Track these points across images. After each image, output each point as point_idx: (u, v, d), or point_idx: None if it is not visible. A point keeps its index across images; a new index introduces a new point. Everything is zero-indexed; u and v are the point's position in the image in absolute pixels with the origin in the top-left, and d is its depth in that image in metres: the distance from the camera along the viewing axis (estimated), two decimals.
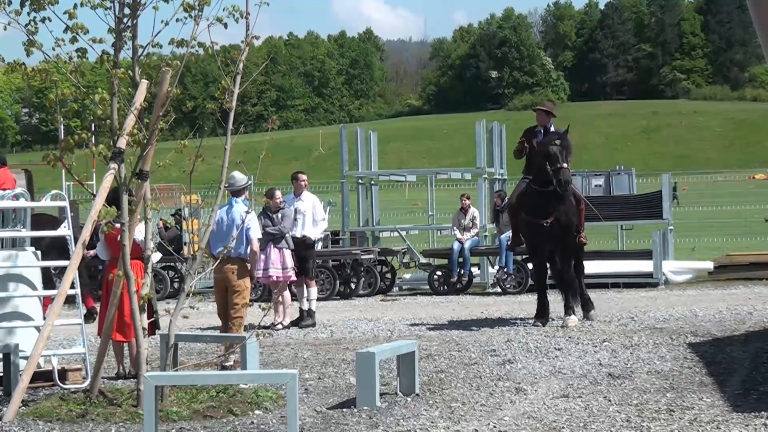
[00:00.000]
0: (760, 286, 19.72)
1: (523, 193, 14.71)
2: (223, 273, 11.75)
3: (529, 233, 14.69)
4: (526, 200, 14.55)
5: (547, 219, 14.31)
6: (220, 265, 11.60)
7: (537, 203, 14.36)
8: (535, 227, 14.42)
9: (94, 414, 8.94)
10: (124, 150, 9.29)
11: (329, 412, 9.07)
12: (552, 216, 14.31)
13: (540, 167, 14.24)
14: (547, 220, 14.31)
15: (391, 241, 24.66)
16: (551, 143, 14.24)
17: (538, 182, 14.36)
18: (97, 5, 9.13)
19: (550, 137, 14.44)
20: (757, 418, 8.18)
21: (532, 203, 14.40)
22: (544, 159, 14.15)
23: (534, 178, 14.46)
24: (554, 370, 10.88)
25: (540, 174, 14.28)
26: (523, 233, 14.88)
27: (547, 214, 14.31)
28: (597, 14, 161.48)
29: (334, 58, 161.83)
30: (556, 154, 14.13)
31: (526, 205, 14.50)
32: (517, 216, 14.82)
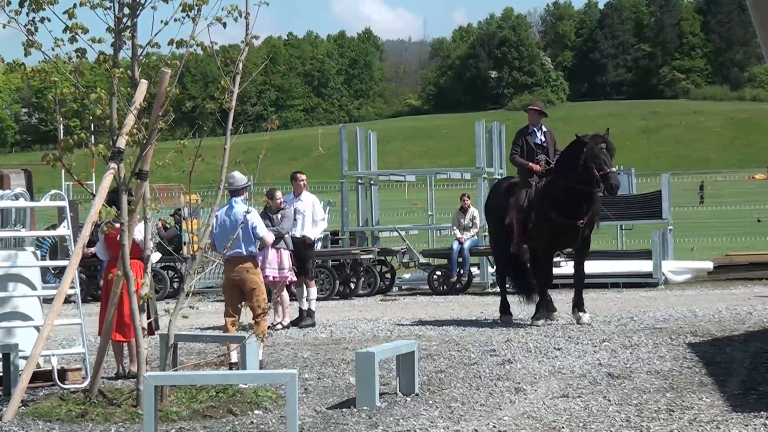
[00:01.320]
0: (760, 285, 19.72)
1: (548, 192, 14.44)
2: (236, 273, 11.76)
3: (555, 232, 14.39)
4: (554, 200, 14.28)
5: (582, 219, 14.23)
6: (232, 265, 11.64)
7: (572, 203, 14.18)
8: (566, 227, 14.26)
9: (94, 414, 8.93)
10: (123, 150, 9.29)
11: (329, 412, 9.06)
12: (586, 217, 14.27)
13: (585, 169, 13.99)
14: (582, 220, 14.24)
15: (391, 241, 24.67)
16: (598, 146, 14.05)
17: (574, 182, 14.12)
18: (97, 5, 9.13)
19: (596, 139, 14.19)
20: (756, 418, 8.18)
21: (566, 203, 14.19)
22: (591, 162, 13.95)
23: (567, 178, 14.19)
24: (554, 370, 10.88)
25: (581, 176, 14.05)
26: (544, 232, 14.46)
27: (581, 214, 14.23)
28: (596, 14, 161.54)
29: (333, 58, 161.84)
30: (604, 158, 14.00)
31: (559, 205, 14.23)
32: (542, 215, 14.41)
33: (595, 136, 14.31)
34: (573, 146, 14.42)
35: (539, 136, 15.00)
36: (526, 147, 14.89)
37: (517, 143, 14.96)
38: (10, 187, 11.99)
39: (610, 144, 14.25)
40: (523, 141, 14.92)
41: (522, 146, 14.90)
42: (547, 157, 14.80)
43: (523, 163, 14.81)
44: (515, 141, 15.05)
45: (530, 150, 14.87)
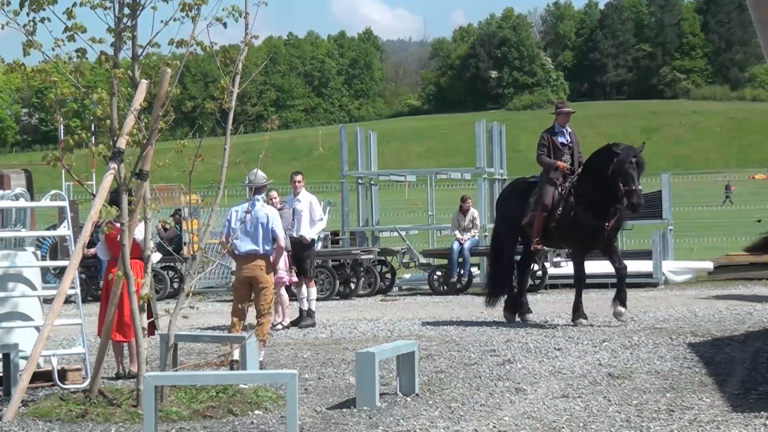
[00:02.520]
0: (760, 285, 19.72)
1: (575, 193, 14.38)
2: (250, 270, 11.75)
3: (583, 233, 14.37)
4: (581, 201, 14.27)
5: (608, 221, 14.18)
6: (247, 262, 11.63)
7: (599, 205, 14.16)
8: (592, 228, 14.22)
9: (94, 414, 8.94)
10: (123, 150, 9.29)
11: (329, 412, 9.07)
12: (612, 219, 14.23)
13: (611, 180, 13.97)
14: (608, 222, 14.19)
15: (391, 241, 24.67)
16: (628, 161, 13.95)
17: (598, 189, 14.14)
18: (97, 5, 9.14)
19: (628, 152, 14.07)
20: (756, 418, 8.18)
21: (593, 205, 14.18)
22: (618, 175, 13.91)
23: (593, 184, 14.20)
24: (554, 370, 10.88)
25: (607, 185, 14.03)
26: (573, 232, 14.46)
27: (608, 216, 14.18)
28: (597, 14, 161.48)
29: (333, 58, 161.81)
30: (632, 174, 13.91)
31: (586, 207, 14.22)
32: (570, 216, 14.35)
33: (628, 149, 14.17)
34: (603, 153, 14.34)
35: (566, 136, 14.95)
36: (553, 146, 14.82)
37: (543, 143, 14.88)
38: (11, 187, 12.00)
39: (640, 159, 14.12)
40: (549, 141, 14.85)
41: (549, 146, 14.84)
42: (571, 158, 14.79)
43: (551, 162, 14.72)
44: (541, 141, 14.95)
45: (556, 149, 14.81)
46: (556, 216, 14.50)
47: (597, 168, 14.28)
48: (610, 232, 14.43)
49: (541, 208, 14.60)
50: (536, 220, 14.69)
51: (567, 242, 15.09)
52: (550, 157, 14.79)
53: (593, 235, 14.33)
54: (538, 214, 14.64)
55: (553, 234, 14.78)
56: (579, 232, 14.40)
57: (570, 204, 14.40)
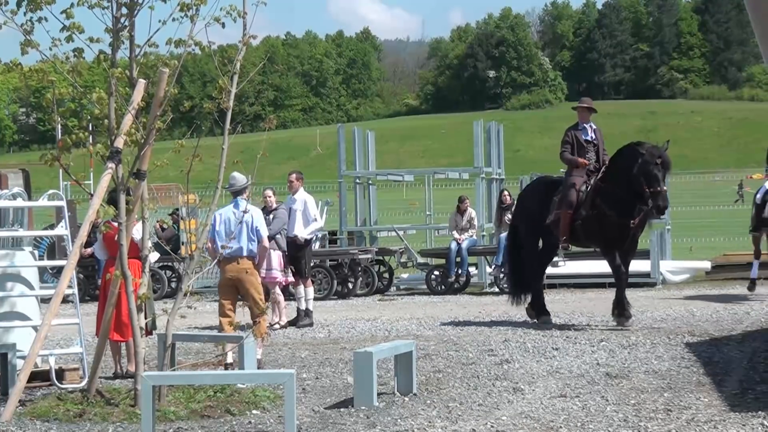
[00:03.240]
0: (758, 285, 19.71)
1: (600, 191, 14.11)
2: (234, 272, 11.75)
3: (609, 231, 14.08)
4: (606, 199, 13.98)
5: (633, 219, 13.90)
6: (231, 264, 11.62)
7: (624, 203, 13.89)
8: (617, 226, 13.94)
9: (92, 414, 8.93)
10: (121, 150, 9.29)
11: (327, 412, 9.06)
12: (638, 217, 13.97)
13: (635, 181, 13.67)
14: (633, 220, 13.91)
15: (389, 240, 24.66)
16: (654, 162, 13.63)
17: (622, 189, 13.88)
18: (94, 5, 9.14)
19: (653, 153, 13.75)
20: (754, 418, 8.18)
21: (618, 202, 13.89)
22: (642, 176, 13.60)
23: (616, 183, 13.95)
24: (552, 369, 10.88)
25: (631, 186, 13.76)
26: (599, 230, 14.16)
27: (633, 214, 13.89)
28: (595, 14, 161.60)
29: (331, 58, 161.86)
30: (657, 175, 13.60)
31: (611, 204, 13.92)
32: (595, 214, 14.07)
33: (653, 149, 13.85)
34: (627, 152, 14.07)
35: (590, 133, 14.71)
36: (576, 143, 14.58)
37: (566, 141, 14.65)
38: (8, 187, 12.01)
39: (666, 159, 13.81)
40: (573, 138, 14.63)
41: (572, 143, 14.61)
42: (596, 155, 14.56)
43: (573, 160, 14.49)
44: (564, 138, 14.70)
45: (580, 146, 14.58)
46: (581, 214, 14.22)
47: (621, 167, 13.96)
48: (636, 230, 14.15)
49: (566, 206, 14.34)
50: (562, 218, 14.41)
51: (592, 240, 14.71)
52: (574, 155, 14.53)
53: (618, 233, 14.01)
54: (564, 212, 14.36)
55: (579, 232, 14.45)
56: (604, 230, 14.09)
57: (595, 202, 14.11)
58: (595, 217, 14.08)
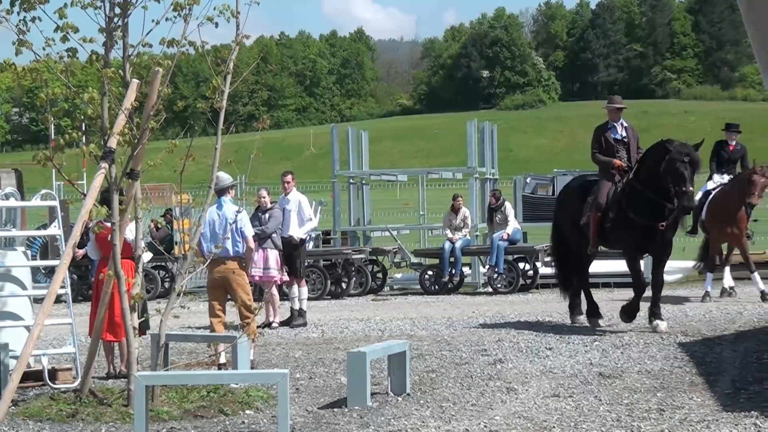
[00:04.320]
0: (750, 285, 19.74)
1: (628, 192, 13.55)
2: (221, 273, 11.74)
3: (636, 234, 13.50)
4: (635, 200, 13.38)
5: (663, 221, 13.28)
6: (217, 265, 11.60)
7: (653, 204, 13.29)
8: (646, 229, 13.36)
9: (85, 414, 8.93)
10: (114, 149, 9.28)
11: (320, 412, 9.07)
12: (668, 219, 13.34)
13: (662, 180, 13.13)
14: (663, 222, 13.29)
15: (383, 240, 24.66)
16: (681, 159, 13.04)
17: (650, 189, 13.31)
18: (88, 5, 9.13)
19: (681, 150, 13.16)
20: (747, 418, 8.20)
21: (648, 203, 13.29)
22: (669, 175, 13.03)
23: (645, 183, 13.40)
24: (545, 369, 10.89)
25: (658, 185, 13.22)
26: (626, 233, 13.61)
27: (663, 216, 13.29)
28: (588, 14, 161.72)
29: (325, 58, 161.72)
30: (683, 174, 12.98)
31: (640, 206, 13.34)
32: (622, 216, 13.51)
33: (681, 147, 13.28)
34: (656, 149, 13.52)
35: (620, 132, 14.19)
36: (606, 144, 14.10)
37: (596, 141, 14.20)
38: (1, 187, 11.98)
39: (694, 157, 13.18)
40: (603, 138, 14.16)
41: (601, 143, 14.11)
42: (627, 154, 14.02)
43: (606, 160, 13.98)
44: (594, 138, 14.27)
45: (610, 146, 14.06)
46: (609, 216, 13.70)
47: (650, 165, 13.41)
48: (666, 233, 13.49)
49: (595, 208, 13.88)
50: (591, 221, 13.93)
51: (621, 243, 14.13)
52: (604, 155, 14.07)
53: (647, 236, 13.43)
54: (593, 214, 13.90)
55: (608, 235, 13.95)
56: (631, 232, 13.51)
57: (623, 203, 13.55)
58: (622, 219, 13.54)
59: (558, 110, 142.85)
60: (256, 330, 11.94)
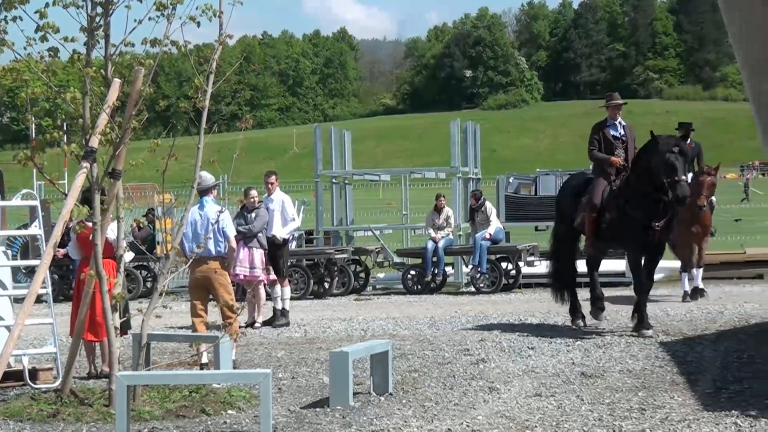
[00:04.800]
0: (731, 285, 19.84)
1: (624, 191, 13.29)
2: (203, 272, 11.72)
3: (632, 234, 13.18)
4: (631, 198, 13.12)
5: (658, 221, 13.01)
6: (199, 265, 11.57)
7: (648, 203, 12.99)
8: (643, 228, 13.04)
9: (66, 414, 8.90)
10: (96, 149, 9.25)
11: (302, 412, 9.06)
12: (663, 219, 13.05)
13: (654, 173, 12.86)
14: (658, 222, 13.01)
15: (365, 240, 24.66)
16: (670, 150, 12.80)
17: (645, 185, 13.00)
18: (69, 4, 9.09)
19: (669, 141, 13.00)
20: (727, 417, 8.24)
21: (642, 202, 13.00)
22: (660, 167, 12.75)
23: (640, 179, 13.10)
24: (527, 369, 10.91)
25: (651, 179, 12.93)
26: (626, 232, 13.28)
27: (658, 215, 13.00)
28: (571, 14, 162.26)
29: (308, 58, 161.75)
30: (674, 164, 12.71)
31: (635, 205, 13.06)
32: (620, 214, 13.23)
33: (668, 139, 13.15)
34: (647, 145, 13.29)
35: (618, 129, 13.98)
36: (604, 141, 13.91)
37: (593, 138, 13.98)
38: None
39: (683, 148, 13.03)
40: (600, 135, 13.94)
41: (599, 140, 13.86)
42: (625, 153, 13.78)
43: (603, 157, 13.75)
44: (592, 135, 14.04)
45: (608, 143, 13.82)
46: (605, 216, 13.43)
47: (642, 162, 13.17)
48: (662, 233, 13.19)
49: (590, 208, 13.60)
50: (586, 221, 13.67)
51: (619, 243, 13.98)
52: (602, 152, 13.83)
53: (642, 236, 13.13)
54: (588, 214, 13.63)
55: (605, 235, 13.63)
56: (627, 232, 13.24)
57: (618, 202, 13.30)
58: (618, 219, 13.29)
59: (540, 110, 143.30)
60: (239, 330, 11.93)
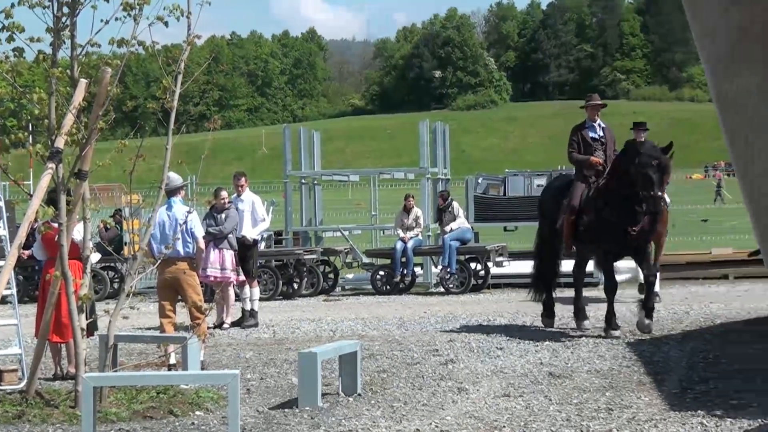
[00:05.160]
0: (697, 285, 19.98)
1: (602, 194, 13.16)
2: (171, 273, 11.67)
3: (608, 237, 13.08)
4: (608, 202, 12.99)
5: (635, 226, 12.87)
6: (168, 265, 11.52)
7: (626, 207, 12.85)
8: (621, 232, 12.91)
9: (31, 415, 8.84)
10: (62, 150, 9.19)
11: (271, 413, 9.04)
12: (640, 224, 12.91)
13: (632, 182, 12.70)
14: (635, 227, 12.88)
15: (334, 241, 24.64)
16: (649, 163, 12.61)
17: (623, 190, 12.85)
18: (35, 4, 9.03)
19: (650, 153, 12.75)
20: (693, 417, 8.30)
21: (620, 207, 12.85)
22: (637, 178, 12.63)
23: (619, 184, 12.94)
24: (496, 369, 10.94)
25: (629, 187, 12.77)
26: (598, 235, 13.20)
27: (635, 220, 12.88)
28: (539, 14, 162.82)
29: (277, 58, 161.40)
30: (651, 178, 12.57)
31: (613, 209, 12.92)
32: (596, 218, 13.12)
33: (651, 149, 12.89)
34: (626, 151, 13.15)
35: (597, 131, 13.92)
36: (583, 142, 13.76)
37: (572, 140, 13.91)
38: None
39: (663, 161, 12.76)
40: (579, 136, 13.81)
41: (578, 142, 13.79)
42: (604, 154, 13.68)
43: (582, 158, 13.65)
44: (570, 137, 13.96)
45: (587, 145, 13.74)
46: (584, 219, 13.30)
47: (621, 167, 13.02)
48: (639, 237, 13.04)
49: (569, 211, 13.46)
50: (565, 224, 13.55)
51: (594, 246, 13.69)
52: (581, 154, 13.74)
53: (619, 240, 13.03)
54: (567, 217, 13.51)
55: (583, 237, 13.49)
56: (605, 235, 13.11)
57: (597, 205, 13.18)
58: (596, 222, 13.17)
59: (509, 111, 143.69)
60: (207, 330, 11.89)
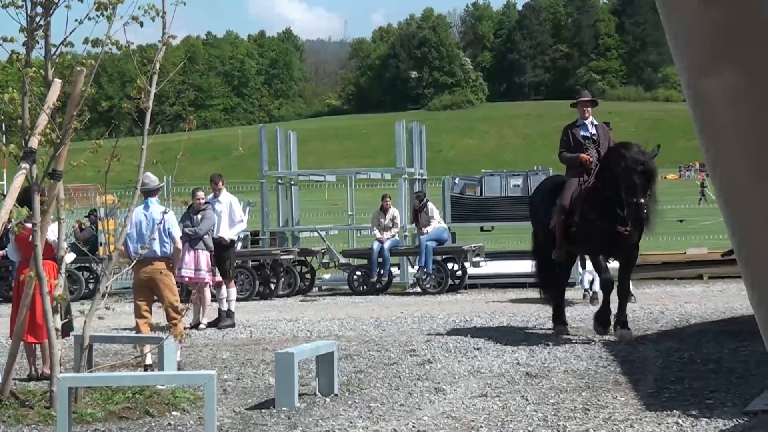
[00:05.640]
0: (672, 285, 20.07)
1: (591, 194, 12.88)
2: (147, 273, 11.62)
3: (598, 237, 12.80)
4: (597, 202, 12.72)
5: (626, 226, 12.56)
6: (144, 265, 11.47)
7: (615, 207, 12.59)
8: (608, 233, 12.63)
9: (6, 416, 8.79)
10: (35, 150, 9.14)
11: (248, 413, 9.02)
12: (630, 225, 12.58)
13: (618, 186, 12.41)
14: (626, 227, 12.58)
15: (311, 241, 24.60)
16: (635, 170, 12.25)
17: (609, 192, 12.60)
18: (8, 4, 8.98)
19: (636, 158, 12.35)
20: (669, 417, 8.33)
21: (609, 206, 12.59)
22: (622, 183, 12.33)
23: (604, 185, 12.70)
24: (473, 369, 10.95)
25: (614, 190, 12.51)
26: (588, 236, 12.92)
27: (625, 220, 12.55)
28: (515, 15, 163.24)
29: (253, 58, 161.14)
30: (635, 184, 12.22)
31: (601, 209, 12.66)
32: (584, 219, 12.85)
33: (638, 154, 12.47)
34: (613, 154, 12.84)
35: (590, 129, 13.53)
36: (574, 141, 13.42)
37: (563, 139, 13.49)
38: None
39: (649, 167, 12.41)
40: (570, 135, 13.48)
41: (569, 141, 13.47)
42: (597, 153, 13.27)
43: (572, 157, 13.32)
44: (561, 137, 13.62)
45: (578, 143, 13.39)
46: (574, 220, 13.02)
47: (608, 169, 12.74)
48: (628, 238, 12.74)
49: (559, 211, 13.17)
50: (556, 225, 13.24)
51: (584, 247, 13.52)
52: (571, 152, 13.41)
53: (609, 241, 12.75)
54: (558, 217, 13.20)
55: (574, 238, 13.16)
56: (594, 236, 12.83)
57: (585, 205, 12.92)
58: (585, 223, 12.90)
59: (485, 111, 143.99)
60: (183, 331, 11.85)
